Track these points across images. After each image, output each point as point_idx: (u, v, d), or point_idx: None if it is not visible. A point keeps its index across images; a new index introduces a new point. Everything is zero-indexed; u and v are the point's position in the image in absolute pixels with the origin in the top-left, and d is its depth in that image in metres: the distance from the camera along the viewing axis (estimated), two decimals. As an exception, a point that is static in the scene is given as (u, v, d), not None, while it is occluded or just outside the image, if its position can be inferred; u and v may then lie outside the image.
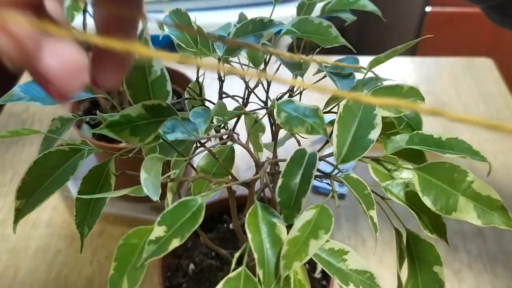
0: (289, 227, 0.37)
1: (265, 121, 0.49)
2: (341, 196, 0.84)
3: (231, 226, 0.62)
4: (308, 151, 0.38)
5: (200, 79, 0.50)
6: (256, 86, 0.48)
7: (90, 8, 0.70)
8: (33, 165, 0.38)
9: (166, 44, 1.40)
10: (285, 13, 1.17)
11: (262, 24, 0.45)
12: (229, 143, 0.43)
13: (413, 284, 0.41)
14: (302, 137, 0.44)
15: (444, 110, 0.19)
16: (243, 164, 0.88)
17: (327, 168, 0.41)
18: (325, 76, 0.50)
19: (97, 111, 0.40)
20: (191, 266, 0.58)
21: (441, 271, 0.41)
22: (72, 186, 0.82)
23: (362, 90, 0.42)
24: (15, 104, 1.00)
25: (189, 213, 0.34)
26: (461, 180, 0.38)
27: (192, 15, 0.47)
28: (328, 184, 0.40)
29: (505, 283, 0.73)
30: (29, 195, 0.38)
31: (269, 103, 0.48)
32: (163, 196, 0.38)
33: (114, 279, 0.36)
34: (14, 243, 0.76)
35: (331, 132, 0.39)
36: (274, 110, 0.39)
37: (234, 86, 1.05)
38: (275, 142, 0.45)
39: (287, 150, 0.45)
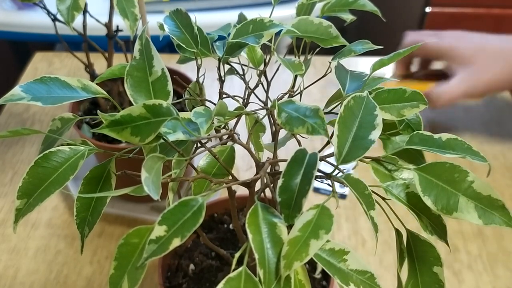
0: (289, 227, 0.37)
1: (265, 121, 0.49)
2: (342, 197, 0.84)
3: (231, 226, 0.62)
4: (309, 151, 0.38)
5: (200, 80, 0.50)
6: (256, 86, 0.48)
7: (89, 8, 0.70)
8: (34, 165, 0.38)
9: (166, 44, 1.40)
10: (285, 13, 1.17)
11: (262, 25, 0.45)
12: (229, 143, 0.43)
13: (413, 285, 0.41)
14: (303, 137, 0.44)
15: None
16: (243, 164, 0.88)
17: (328, 169, 0.41)
18: (325, 76, 0.50)
19: (98, 111, 0.40)
20: (191, 266, 0.58)
21: (441, 272, 0.41)
22: (72, 186, 0.82)
23: (363, 91, 0.42)
24: (16, 104, 1.00)
25: (189, 212, 0.34)
26: (462, 180, 0.38)
27: (192, 16, 0.47)
28: (328, 185, 0.40)
29: (505, 283, 0.73)
30: (30, 195, 0.38)
31: (269, 103, 0.48)
32: (163, 196, 0.38)
33: (114, 278, 0.36)
34: (14, 243, 0.76)
35: (332, 133, 0.39)
36: (275, 110, 0.39)
37: (234, 86, 1.05)
38: (276, 142, 0.45)
39: (287, 150, 0.45)
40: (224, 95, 0.48)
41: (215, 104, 0.40)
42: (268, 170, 0.42)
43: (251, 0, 1.25)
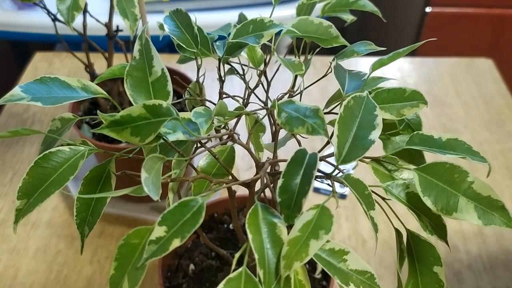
0: (289, 227, 0.37)
1: (265, 121, 0.49)
2: (342, 197, 0.84)
3: (231, 226, 0.62)
4: (309, 151, 0.38)
5: (200, 80, 0.50)
6: (256, 86, 0.48)
7: (89, 8, 0.70)
8: (34, 165, 0.38)
9: (166, 44, 1.40)
10: (285, 13, 1.17)
11: (263, 25, 0.45)
12: (229, 143, 0.43)
13: (413, 285, 0.41)
14: (303, 137, 0.44)
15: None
16: (243, 164, 0.88)
17: (328, 169, 0.41)
18: (325, 76, 0.50)
19: (98, 111, 0.40)
20: (191, 266, 0.58)
21: (441, 272, 0.41)
22: (72, 187, 0.82)
23: (363, 91, 0.42)
24: (16, 104, 1.00)
25: (189, 213, 0.34)
26: (462, 181, 0.38)
27: (192, 16, 0.47)
28: (328, 185, 0.40)
29: (505, 283, 0.73)
30: (30, 195, 0.38)
31: (269, 103, 0.48)
32: (163, 196, 0.38)
33: (114, 279, 0.36)
34: (14, 244, 0.76)
35: (332, 133, 0.39)
36: (275, 110, 0.39)
37: (234, 86, 1.05)
38: (276, 142, 0.45)
39: (287, 150, 0.45)
40: (224, 95, 0.48)
41: (215, 104, 0.40)
42: (268, 170, 0.42)
43: (251, 0, 1.25)
